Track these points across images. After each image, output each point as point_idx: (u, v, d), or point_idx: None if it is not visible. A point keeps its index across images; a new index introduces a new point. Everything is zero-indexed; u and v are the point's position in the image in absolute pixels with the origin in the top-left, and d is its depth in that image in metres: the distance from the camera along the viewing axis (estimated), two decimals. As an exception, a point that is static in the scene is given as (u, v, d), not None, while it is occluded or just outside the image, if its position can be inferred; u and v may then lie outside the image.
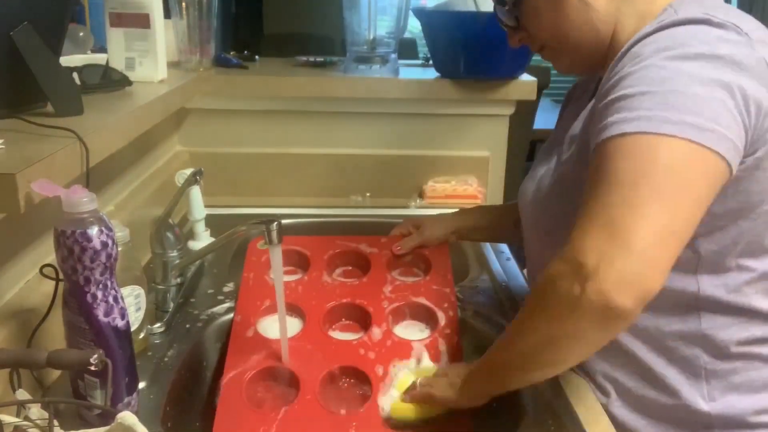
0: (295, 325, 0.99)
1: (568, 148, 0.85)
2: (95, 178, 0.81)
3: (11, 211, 0.67)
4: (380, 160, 1.56)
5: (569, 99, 1.03)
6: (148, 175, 1.32)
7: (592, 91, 0.92)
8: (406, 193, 1.57)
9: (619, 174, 0.65)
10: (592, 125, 0.74)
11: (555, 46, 0.87)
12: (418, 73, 1.59)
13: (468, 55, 1.45)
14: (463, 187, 1.55)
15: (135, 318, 0.88)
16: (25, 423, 0.62)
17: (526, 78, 1.51)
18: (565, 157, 0.85)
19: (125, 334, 0.75)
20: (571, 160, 0.83)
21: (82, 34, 1.38)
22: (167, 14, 1.33)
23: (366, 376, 0.89)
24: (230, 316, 1.03)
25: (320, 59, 1.68)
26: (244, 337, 0.95)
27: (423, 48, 1.84)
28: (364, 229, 1.40)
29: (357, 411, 0.85)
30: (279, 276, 0.89)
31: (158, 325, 0.97)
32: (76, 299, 0.71)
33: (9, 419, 0.61)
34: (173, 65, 1.44)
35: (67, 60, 1.11)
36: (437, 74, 1.52)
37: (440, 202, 1.54)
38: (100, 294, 0.72)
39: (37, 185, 0.67)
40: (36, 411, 0.65)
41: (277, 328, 0.94)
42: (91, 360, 0.64)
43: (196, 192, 1.25)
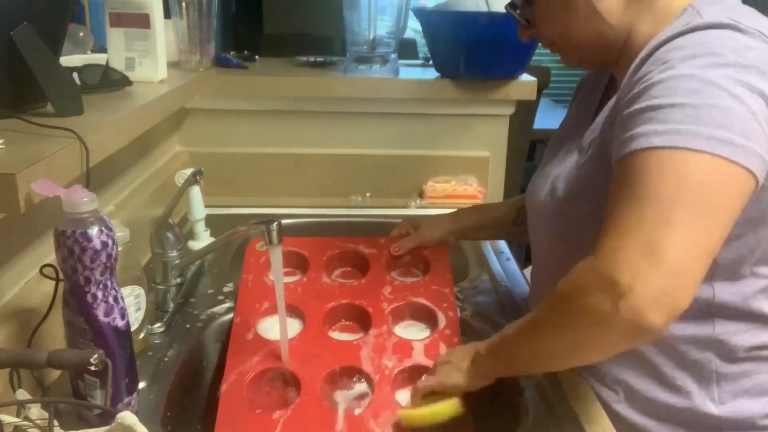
0: (294, 326, 0.99)
1: (586, 151, 0.84)
2: (95, 178, 0.81)
3: (11, 211, 0.67)
4: (380, 160, 1.56)
5: (578, 93, 1.02)
6: (148, 175, 1.32)
7: (603, 88, 0.92)
8: (406, 193, 1.57)
9: (652, 189, 0.65)
10: (615, 131, 0.73)
11: (564, 45, 0.87)
12: (418, 73, 1.59)
13: (468, 55, 1.45)
14: (463, 187, 1.55)
15: (135, 318, 0.88)
16: (25, 423, 0.62)
17: (526, 78, 1.51)
18: (583, 160, 0.83)
19: (125, 334, 0.75)
20: (590, 163, 0.82)
21: (82, 34, 1.38)
22: (167, 14, 1.32)
23: (367, 376, 0.89)
24: (230, 316, 1.03)
25: (320, 59, 1.68)
26: (244, 338, 0.95)
27: (423, 48, 1.84)
28: (364, 229, 1.41)
29: (358, 411, 0.85)
30: (279, 276, 0.89)
31: (158, 325, 0.97)
32: (76, 299, 0.71)
33: (9, 419, 0.61)
34: (173, 65, 1.44)
35: (67, 60, 1.11)
36: (437, 74, 1.52)
37: (440, 202, 1.54)
38: (100, 294, 0.71)
39: (37, 185, 0.67)
40: (36, 411, 0.65)
41: (277, 329, 0.94)
42: (91, 360, 0.64)
43: (196, 192, 1.25)
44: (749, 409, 0.80)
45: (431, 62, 1.59)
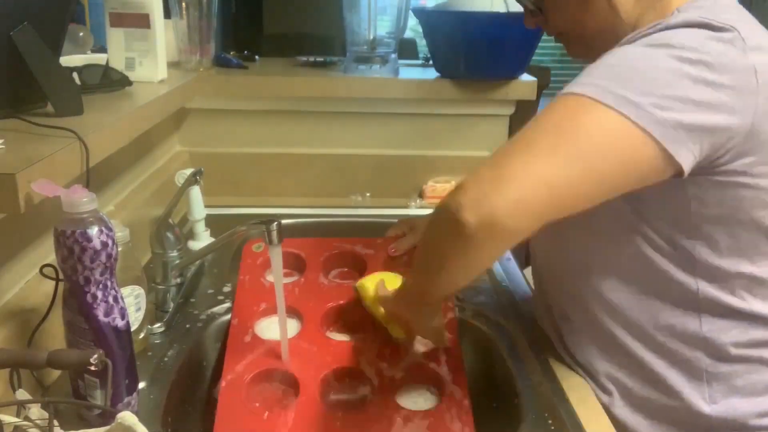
0: (293, 326, 0.99)
1: None
2: (95, 178, 0.81)
3: (11, 211, 0.67)
4: (380, 160, 1.56)
5: None
6: (148, 175, 1.32)
7: None
8: (406, 193, 1.57)
9: (540, 118, 0.68)
10: None
11: (572, 36, 0.88)
12: (418, 73, 1.59)
13: (468, 55, 1.45)
14: (463, 187, 1.54)
15: (135, 318, 0.88)
16: (25, 423, 0.62)
17: (526, 78, 1.51)
18: None
19: (125, 334, 0.75)
20: None
21: (82, 34, 1.38)
22: (167, 14, 1.33)
23: (366, 377, 0.89)
24: (230, 316, 1.03)
25: (320, 59, 1.68)
26: (241, 339, 0.95)
27: (423, 48, 1.84)
28: (364, 229, 1.41)
29: (357, 412, 0.85)
30: (279, 277, 0.89)
31: (158, 325, 0.97)
32: (76, 299, 0.71)
33: (9, 419, 0.61)
34: (173, 65, 1.44)
35: (67, 60, 1.11)
36: (437, 74, 1.52)
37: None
38: (100, 294, 0.72)
39: (37, 185, 0.67)
40: (36, 411, 0.65)
41: (274, 329, 0.94)
42: (91, 360, 0.64)
43: (196, 192, 1.25)
44: (741, 409, 0.80)
45: (431, 62, 1.59)
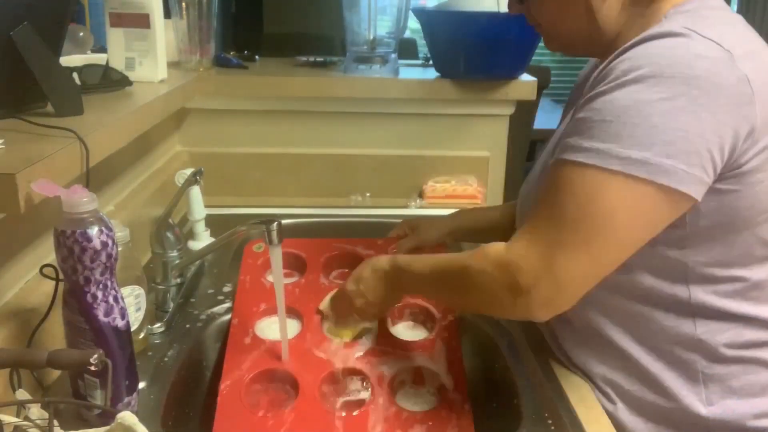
0: (293, 327, 0.99)
1: (551, 152, 0.85)
2: (95, 178, 0.81)
3: (11, 211, 0.67)
4: (380, 160, 1.56)
5: (573, 92, 1.02)
6: (148, 175, 1.32)
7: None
8: (406, 193, 1.57)
9: (562, 206, 0.72)
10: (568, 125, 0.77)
11: (549, 32, 0.88)
12: (418, 73, 1.59)
13: (468, 55, 1.45)
14: (463, 187, 1.55)
15: (135, 318, 0.88)
16: (25, 423, 0.62)
17: (526, 78, 1.51)
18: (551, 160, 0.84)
19: (125, 334, 0.75)
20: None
21: (82, 34, 1.38)
22: (167, 14, 1.33)
23: (366, 378, 0.89)
24: (230, 316, 1.03)
25: (320, 59, 1.68)
26: (242, 340, 0.95)
27: (423, 48, 1.84)
28: (364, 230, 1.41)
29: (357, 412, 0.85)
30: (279, 276, 0.89)
31: (158, 325, 0.97)
32: (76, 299, 0.71)
33: (9, 419, 0.61)
34: (173, 65, 1.44)
35: (67, 60, 1.11)
36: (437, 74, 1.52)
37: (440, 202, 1.54)
38: (100, 294, 0.72)
39: (37, 185, 0.67)
40: (36, 411, 0.65)
41: (274, 329, 0.94)
42: (91, 360, 0.64)
43: (196, 192, 1.25)
44: (738, 410, 0.80)
45: (431, 62, 1.59)
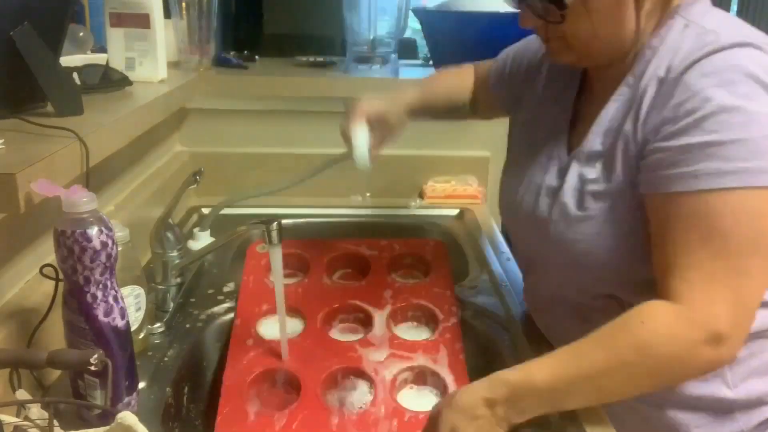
0: (296, 326, 0.99)
1: (586, 163, 0.81)
2: (95, 178, 0.81)
3: (11, 211, 0.67)
4: (380, 160, 1.55)
5: (544, 72, 0.95)
6: (148, 175, 1.32)
7: (577, 84, 0.89)
8: (406, 193, 1.56)
9: (730, 237, 0.69)
10: (649, 159, 0.73)
11: (577, 46, 0.80)
12: (418, 73, 1.59)
13: (468, 55, 1.44)
14: (463, 187, 1.55)
15: (135, 318, 0.88)
16: (25, 423, 0.62)
17: (526, 78, 1.51)
18: (592, 175, 0.80)
19: (125, 334, 0.75)
20: (605, 179, 0.78)
21: (82, 34, 1.38)
22: (167, 14, 1.32)
23: (368, 377, 0.90)
24: (230, 316, 1.03)
25: (320, 59, 1.68)
26: (244, 340, 0.95)
27: (423, 48, 1.84)
28: (365, 229, 1.41)
29: (359, 411, 0.85)
30: (279, 275, 0.89)
31: (158, 325, 0.97)
32: (76, 299, 0.71)
33: (9, 419, 0.61)
34: (173, 65, 1.44)
35: (67, 60, 1.11)
36: (437, 74, 1.52)
37: (440, 202, 1.54)
38: (100, 294, 0.71)
39: (37, 185, 0.67)
40: (36, 411, 0.65)
41: (277, 330, 0.94)
42: (91, 360, 0.64)
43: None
44: (758, 389, 0.82)
45: (431, 62, 1.59)
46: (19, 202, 0.66)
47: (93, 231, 0.69)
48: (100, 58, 1.21)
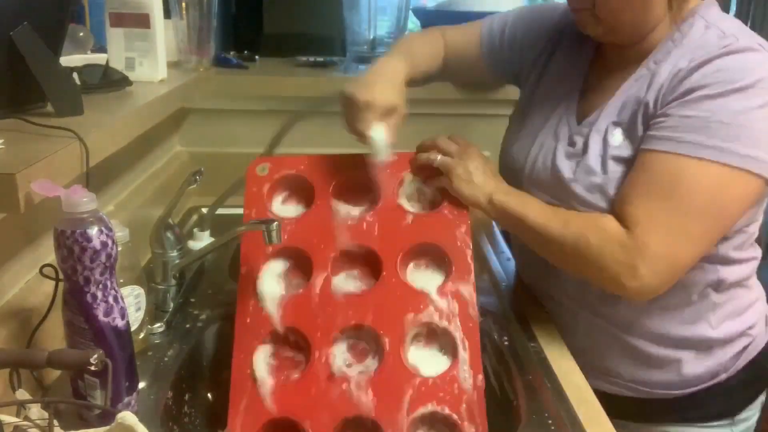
0: (300, 283, 0.93)
1: (606, 131, 0.90)
2: (95, 178, 0.81)
3: (11, 211, 0.67)
4: (380, 160, 1.55)
5: (563, 40, 1.04)
6: (148, 175, 1.32)
7: (589, 59, 0.99)
8: (406, 193, 1.56)
9: (692, 200, 0.82)
10: (655, 120, 0.85)
11: (608, 19, 0.88)
12: (418, 73, 1.58)
13: (468, 55, 1.44)
14: (463, 187, 1.54)
15: (135, 318, 0.88)
16: (25, 423, 0.62)
17: (526, 78, 1.51)
18: (617, 143, 0.89)
19: (125, 334, 0.75)
20: (628, 147, 0.88)
21: (82, 34, 1.38)
22: (167, 14, 1.33)
23: (377, 336, 0.86)
24: (230, 316, 1.03)
25: (320, 59, 1.68)
26: (249, 295, 0.91)
27: (423, 48, 1.84)
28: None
29: (371, 372, 0.84)
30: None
31: (158, 325, 0.97)
32: (76, 299, 0.71)
33: (9, 419, 0.61)
34: (173, 65, 1.44)
35: (67, 60, 1.11)
36: (437, 74, 1.52)
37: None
38: (100, 294, 0.72)
39: (37, 185, 0.67)
40: (36, 411, 0.65)
41: (280, 283, 0.92)
42: (91, 360, 0.64)
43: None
44: (734, 328, 0.98)
45: (431, 62, 1.58)
46: (19, 202, 0.66)
47: (93, 231, 0.69)
48: (100, 58, 1.21)
